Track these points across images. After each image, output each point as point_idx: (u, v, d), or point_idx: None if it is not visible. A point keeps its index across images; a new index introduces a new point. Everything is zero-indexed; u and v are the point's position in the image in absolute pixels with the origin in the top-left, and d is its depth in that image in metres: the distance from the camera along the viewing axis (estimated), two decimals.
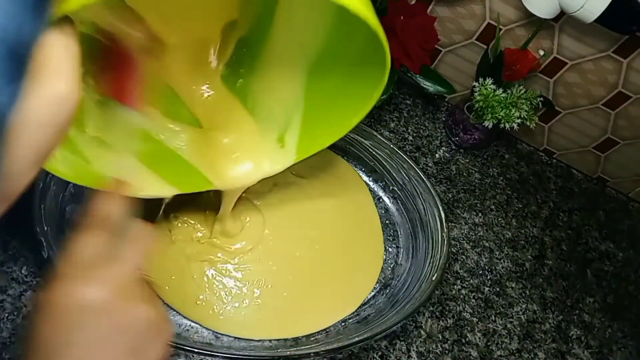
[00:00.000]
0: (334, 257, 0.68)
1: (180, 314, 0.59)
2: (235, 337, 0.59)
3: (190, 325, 0.59)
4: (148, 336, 0.36)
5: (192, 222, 0.64)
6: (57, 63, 0.28)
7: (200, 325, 0.59)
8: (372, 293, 0.67)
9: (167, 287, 0.60)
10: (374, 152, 0.73)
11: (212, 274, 0.61)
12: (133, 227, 0.40)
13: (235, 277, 0.62)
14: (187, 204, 0.64)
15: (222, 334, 0.59)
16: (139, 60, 0.48)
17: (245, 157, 0.57)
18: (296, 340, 0.61)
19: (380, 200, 0.74)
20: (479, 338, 0.69)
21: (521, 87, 0.78)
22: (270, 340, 0.60)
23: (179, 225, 0.64)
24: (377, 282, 0.68)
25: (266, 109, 0.57)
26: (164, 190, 0.54)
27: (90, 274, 0.36)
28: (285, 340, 0.60)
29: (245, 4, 0.52)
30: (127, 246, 0.38)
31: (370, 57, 0.45)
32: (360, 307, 0.65)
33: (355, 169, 0.76)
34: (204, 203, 0.64)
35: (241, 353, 0.54)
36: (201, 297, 0.60)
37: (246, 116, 0.57)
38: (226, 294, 0.61)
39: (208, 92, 0.55)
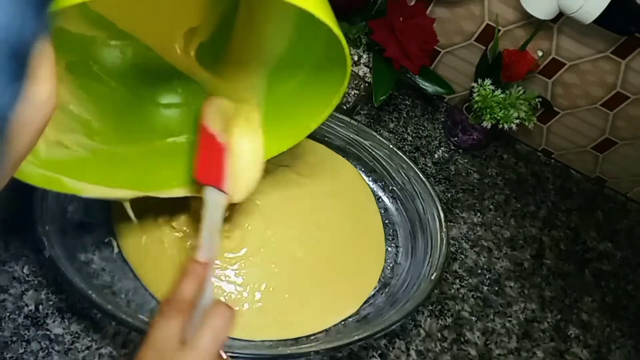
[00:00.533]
0: (336, 258, 0.68)
1: None
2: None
3: None
4: None
5: (186, 229, 0.63)
6: (37, 68, 0.28)
7: None
8: (372, 292, 0.67)
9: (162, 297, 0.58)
10: (373, 152, 0.74)
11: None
12: (212, 309, 0.41)
13: (235, 282, 0.62)
14: (181, 211, 0.63)
15: None
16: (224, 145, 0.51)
17: None
18: (296, 339, 0.61)
19: (380, 200, 0.75)
20: (478, 337, 0.69)
21: (520, 88, 0.79)
22: (270, 339, 0.60)
23: (173, 233, 0.63)
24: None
25: None
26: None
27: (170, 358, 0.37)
28: (286, 339, 0.61)
29: (205, 12, 0.54)
30: (205, 331, 0.39)
31: (331, 62, 0.46)
32: (360, 306, 0.65)
33: (355, 169, 0.76)
34: (198, 209, 0.64)
35: (241, 352, 0.54)
36: None
37: None
38: (226, 300, 0.61)
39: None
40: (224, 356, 0.42)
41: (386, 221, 0.73)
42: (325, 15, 0.37)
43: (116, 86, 0.55)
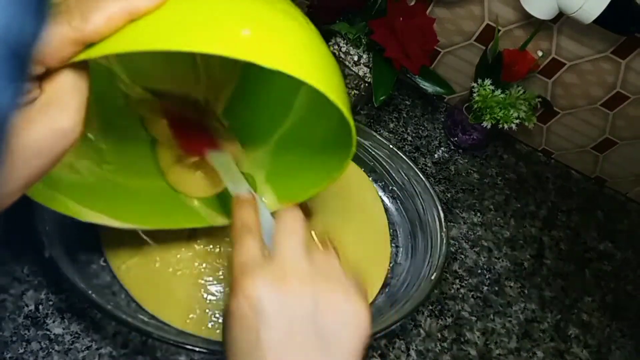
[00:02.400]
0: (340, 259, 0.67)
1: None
2: None
3: None
4: (334, 321, 0.35)
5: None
6: (66, 98, 0.29)
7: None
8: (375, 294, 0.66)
9: (154, 307, 0.58)
10: (373, 152, 0.74)
11: (204, 296, 0.60)
12: (278, 217, 0.40)
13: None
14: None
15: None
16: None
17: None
18: None
19: (380, 200, 0.75)
20: (478, 337, 0.69)
21: (520, 88, 0.79)
22: None
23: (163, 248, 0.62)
24: None
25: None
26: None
27: (254, 273, 0.35)
28: None
29: (217, 87, 0.58)
30: (280, 233, 0.38)
31: (338, 139, 0.46)
32: None
33: (361, 169, 0.75)
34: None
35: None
36: (191, 316, 0.58)
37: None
38: (220, 312, 0.60)
39: None
40: (327, 244, 0.41)
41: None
42: (337, 97, 0.36)
43: (133, 122, 0.56)
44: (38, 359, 0.53)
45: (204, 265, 0.61)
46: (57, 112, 0.28)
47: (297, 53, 0.35)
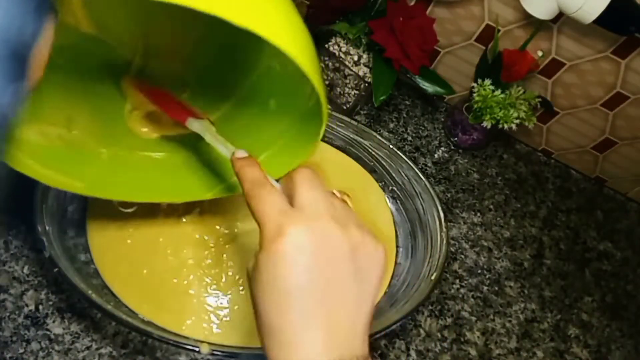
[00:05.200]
0: None
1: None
2: None
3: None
4: (367, 261, 0.37)
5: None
6: None
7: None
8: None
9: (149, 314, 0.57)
10: (373, 152, 0.74)
11: (196, 302, 0.59)
12: (297, 172, 0.39)
13: (237, 284, 0.61)
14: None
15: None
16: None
17: None
18: None
19: (385, 201, 0.74)
20: (478, 337, 0.69)
21: (520, 88, 0.79)
22: None
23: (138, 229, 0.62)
24: None
25: None
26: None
27: (293, 217, 0.35)
28: None
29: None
30: (304, 188, 0.38)
31: (313, 113, 0.46)
32: None
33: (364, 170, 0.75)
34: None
35: (241, 351, 0.54)
36: (188, 322, 0.57)
37: None
38: (228, 301, 0.60)
39: None
40: (338, 195, 0.41)
41: None
42: (304, 57, 0.36)
43: (106, 89, 0.56)
44: (38, 359, 0.53)
45: (191, 277, 0.60)
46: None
47: (267, 13, 0.34)
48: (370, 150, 0.74)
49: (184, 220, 0.63)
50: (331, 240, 0.35)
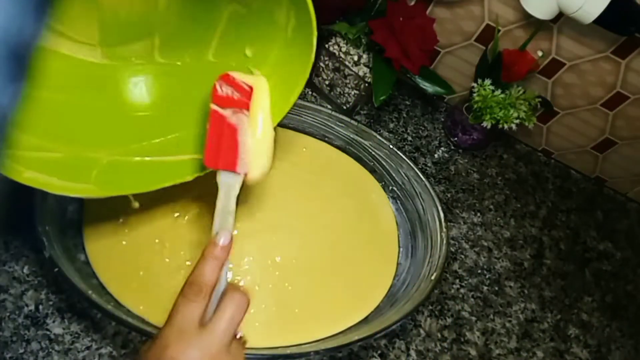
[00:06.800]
0: (347, 262, 0.66)
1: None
2: None
3: None
4: None
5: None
6: None
7: None
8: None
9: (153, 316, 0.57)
10: (373, 152, 0.74)
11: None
12: (228, 295, 0.42)
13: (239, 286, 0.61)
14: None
15: None
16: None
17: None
18: None
19: (388, 201, 0.75)
20: (478, 337, 0.69)
21: (520, 88, 0.79)
22: (275, 347, 0.59)
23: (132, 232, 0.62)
24: None
25: None
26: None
27: (187, 341, 0.39)
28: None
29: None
30: (221, 316, 0.41)
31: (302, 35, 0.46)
32: (368, 314, 0.63)
33: (366, 170, 0.75)
34: (204, 195, 0.63)
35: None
36: None
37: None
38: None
39: None
40: (238, 335, 0.44)
41: None
42: None
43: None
44: (38, 359, 0.53)
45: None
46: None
47: None
48: (370, 150, 0.74)
49: (180, 221, 0.63)
50: None
